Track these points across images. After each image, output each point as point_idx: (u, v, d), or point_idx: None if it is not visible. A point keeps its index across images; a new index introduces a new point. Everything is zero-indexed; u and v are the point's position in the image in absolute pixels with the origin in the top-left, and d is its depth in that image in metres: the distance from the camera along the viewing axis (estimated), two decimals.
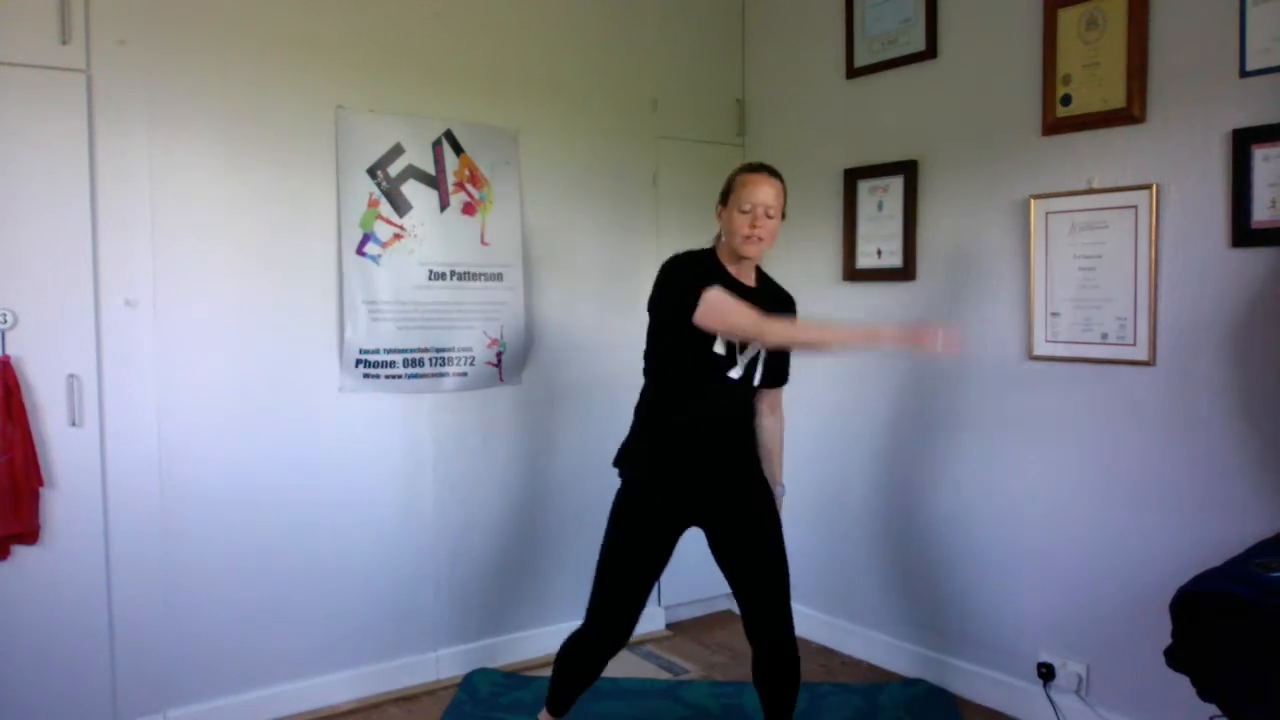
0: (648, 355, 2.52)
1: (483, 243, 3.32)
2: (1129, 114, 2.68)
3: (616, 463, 2.51)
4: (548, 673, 2.64)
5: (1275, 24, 2.40)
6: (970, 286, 3.14)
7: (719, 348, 2.38)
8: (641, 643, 3.69)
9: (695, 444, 2.42)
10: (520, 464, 3.47)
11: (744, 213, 2.38)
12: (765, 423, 2.58)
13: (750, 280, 2.47)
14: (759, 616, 2.46)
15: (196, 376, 2.85)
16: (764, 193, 2.38)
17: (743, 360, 2.41)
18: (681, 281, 2.35)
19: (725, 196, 2.45)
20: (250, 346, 2.94)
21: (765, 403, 2.57)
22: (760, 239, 2.38)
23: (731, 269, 2.44)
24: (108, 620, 2.73)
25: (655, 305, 2.46)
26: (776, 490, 2.59)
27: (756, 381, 2.44)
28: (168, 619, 2.82)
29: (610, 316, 3.64)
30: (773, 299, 2.48)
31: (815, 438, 3.71)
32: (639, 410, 2.53)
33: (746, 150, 3.97)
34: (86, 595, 2.70)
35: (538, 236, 3.46)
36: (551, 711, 2.56)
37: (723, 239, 2.46)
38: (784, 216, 2.45)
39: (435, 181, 3.22)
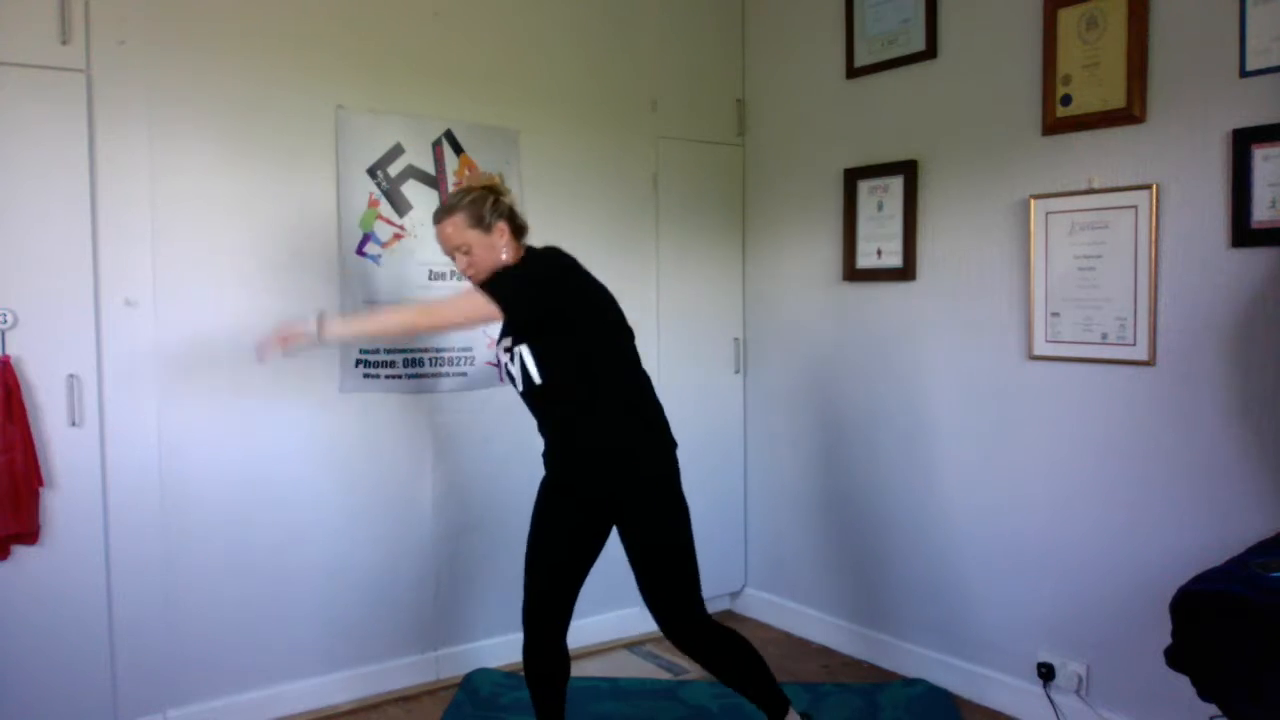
0: None
1: None
2: (1129, 114, 2.68)
3: None
4: None
5: (1275, 24, 2.40)
6: (970, 286, 3.14)
7: (504, 371, 2.48)
8: (641, 643, 3.69)
9: (546, 443, 2.51)
10: (520, 464, 3.45)
11: (451, 256, 2.46)
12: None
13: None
14: (658, 623, 2.47)
15: (196, 376, 2.85)
16: (445, 235, 2.41)
17: (517, 373, 2.41)
18: None
19: None
20: (250, 346, 2.93)
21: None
22: (473, 274, 2.42)
23: None
24: (108, 620, 2.73)
25: None
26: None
27: (538, 379, 2.37)
28: (168, 619, 2.82)
29: None
30: (515, 272, 2.42)
31: (814, 437, 3.71)
32: None
33: (746, 150, 3.97)
34: (86, 595, 2.70)
35: (537, 236, 3.45)
36: None
37: None
38: (484, 223, 2.39)
39: (435, 181, 3.22)
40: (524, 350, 2.37)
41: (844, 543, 3.62)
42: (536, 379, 2.37)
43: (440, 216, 2.42)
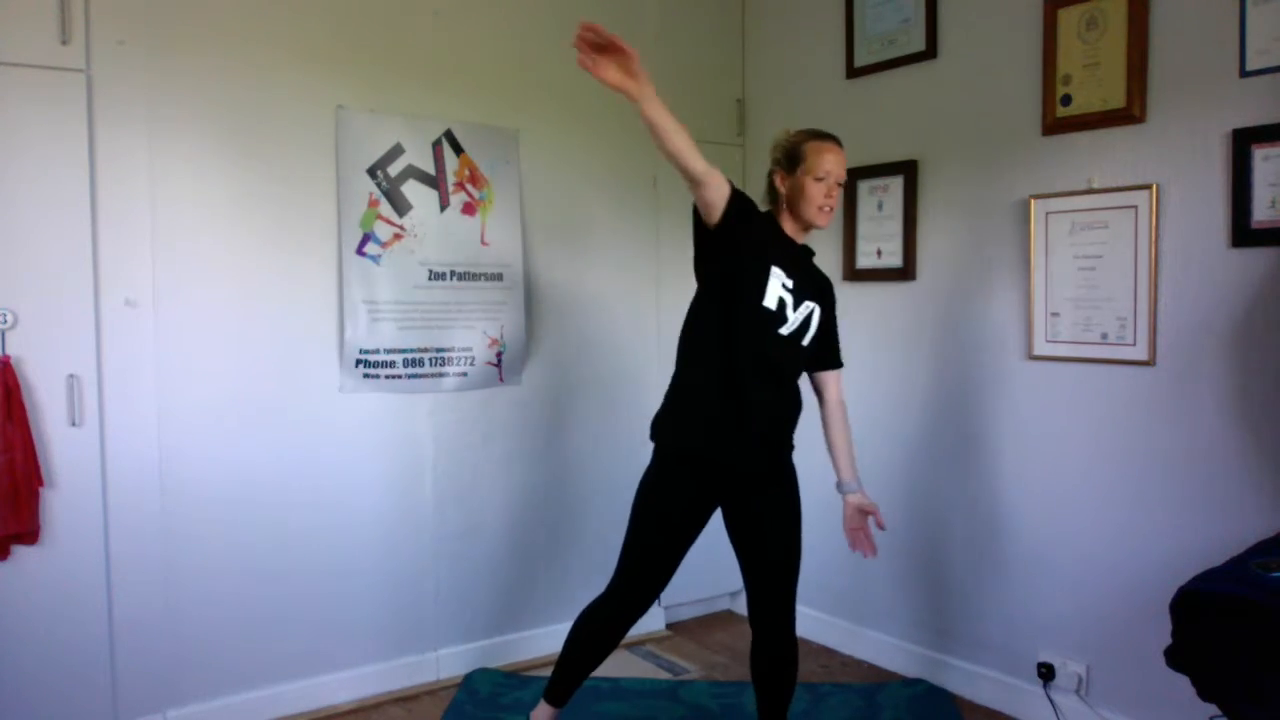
0: (685, 334, 2.47)
1: (483, 243, 3.32)
2: (1129, 114, 2.68)
3: (651, 432, 2.48)
4: (548, 672, 2.63)
5: (1275, 24, 2.40)
6: (970, 286, 3.14)
7: (770, 302, 2.34)
8: (641, 643, 3.69)
9: (733, 412, 2.34)
10: (520, 464, 3.47)
11: (819, 180, 2.37)
12: (828, 413, 2.58)
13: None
14: (763, 604, 2.47)
15: (196, 376, 2.85)
16: (838, 163, 2.39)
17: (795, 317, 2.39)
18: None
19: (789, 163, 2.41)
20: (250, 346, 2.94)
21: (826, 389, 2.57)
22: (832, 209, 2.41)
23: (788, 230, 2.44)
24: (108, 620, 2.73)
25: (701, 254, 2.42)
26: (849, 489, 2.58)
27: (806, 340, 2.42)
28: (168, 619, 2.82)
29: (611, 317, 3.64)
30: (816, 269, 2.53)
31: (813, 436, 3.70)
32: (672, 383, 2.48)
33: (746, 150, 3.97)
34: (86, 595, 2.70)
35: (538, 236, 3.46)
36: (551, 701, 2.54)
37: (784, 204, 2.43)
38: None
39: (435, 181, 3.22)
40: (816, 310, 2.43)
41: (842, 543, 3.60)
42: (807, 341, 2.43)
43: (837, 142, 2.42)
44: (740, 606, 4.06)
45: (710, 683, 3.29)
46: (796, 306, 2.38)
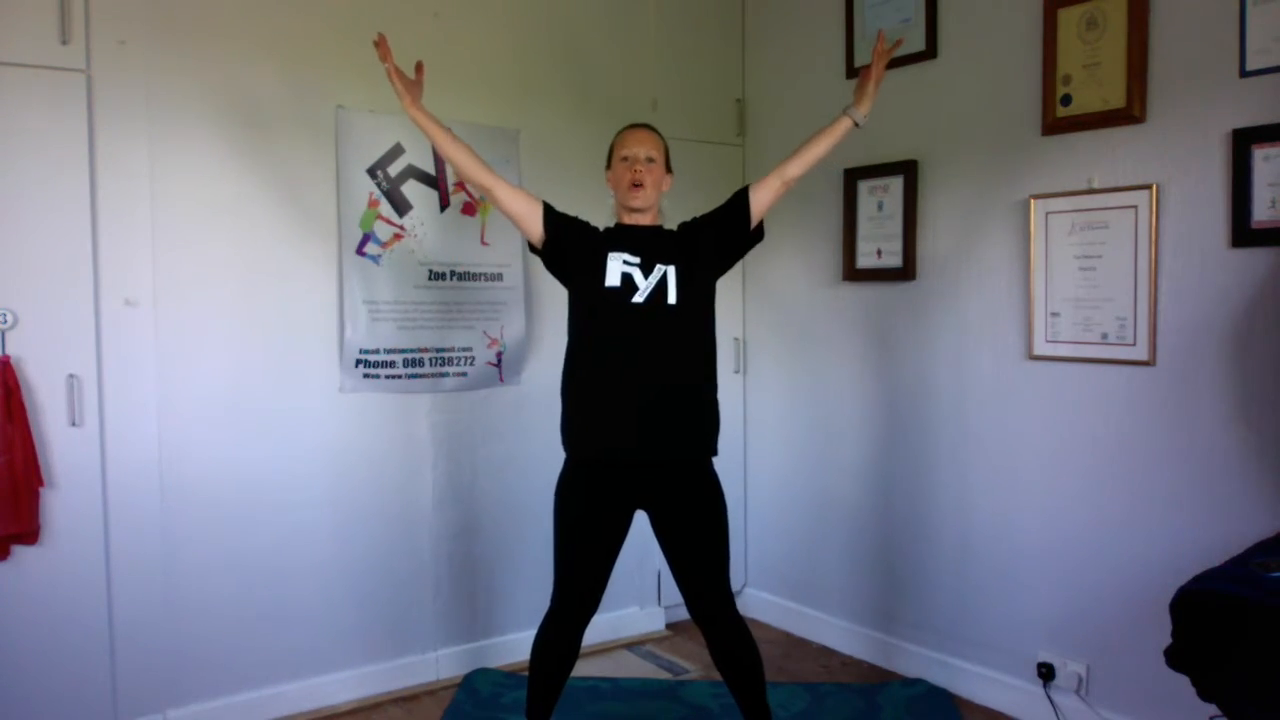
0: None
1: (483, 243, 3.32)
2: (1129, 114, 2.68)
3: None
4: None
5: (1275, 24, 2.40)
6: (970, 286, 3.14)
7: (612, 280, 2.35)
8: (641, 642, 3.69)
9: (617, 406, 2.34)
10: (520, 464, 3.47)
11: (624, 160, 2.44)
12: (792, 170, 2.48)
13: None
14: (695, 605, 2.46)
15: (196, 376, 2.85)
16: (640, 142, 2.45)
17: (648, 284, 2.35)
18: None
19: (608, 161, 2.53)
20: (250, 346, 2.94)
21: (768, 185, 2.48)
22: (643, 184, 2.41)
23: (629, 221, 2.48)
24: (108, 620, 2.73)
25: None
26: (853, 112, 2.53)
27: (671, 299, 2.35)
28: (168, 619, 2.82)
29: None
30: (669, 236, 2.50)
31: (814, 437, 3.71)
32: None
33: (746, 150, 3.97)
34: (86, 595, 2.70)
35: None
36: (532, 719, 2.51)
37: (614, 201, 2.52)
38: (669, 165, 2.53)
39: (435, 181, 3.22)
40: (671, 269, 2.37)
41: (844, 542, 3.61)
42: (673, 299, 2.34)
43: (648, 127, 2.52)
44: (740, 606, 4.03)
45: (710, 682, 3.29)
46: (648, 274, 2.36)
